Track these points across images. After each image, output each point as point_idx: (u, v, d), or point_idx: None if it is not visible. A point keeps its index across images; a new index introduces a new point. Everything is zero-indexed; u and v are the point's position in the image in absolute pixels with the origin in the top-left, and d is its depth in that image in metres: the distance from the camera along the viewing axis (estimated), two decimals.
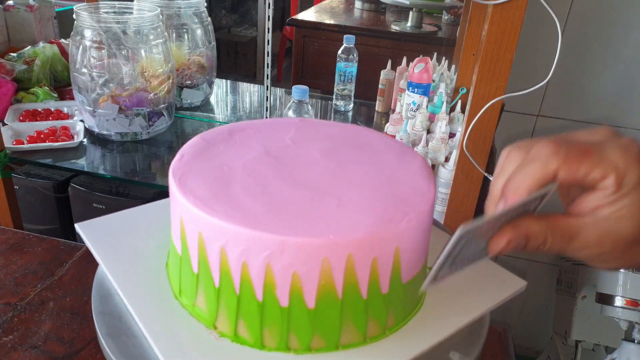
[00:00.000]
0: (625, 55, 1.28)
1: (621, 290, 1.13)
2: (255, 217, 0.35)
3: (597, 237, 0.31)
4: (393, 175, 0.41)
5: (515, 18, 0.70)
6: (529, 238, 0.31)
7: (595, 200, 0.30)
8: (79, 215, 1.16)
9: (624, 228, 0.30)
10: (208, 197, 0.37)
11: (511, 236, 0.31)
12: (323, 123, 0.51)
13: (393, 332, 0.39)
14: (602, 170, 0.29)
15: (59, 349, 0.57)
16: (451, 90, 1.29)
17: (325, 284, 0.35)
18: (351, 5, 2.14)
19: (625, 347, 1.12)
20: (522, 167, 0.31)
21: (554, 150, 0.29)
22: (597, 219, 0.30)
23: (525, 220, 0.31)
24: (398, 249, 0.36)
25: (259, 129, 0.48)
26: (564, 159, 0.29)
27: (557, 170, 0.29)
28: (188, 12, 1.31)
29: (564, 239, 0.31)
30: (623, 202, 0.29)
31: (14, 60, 1.31)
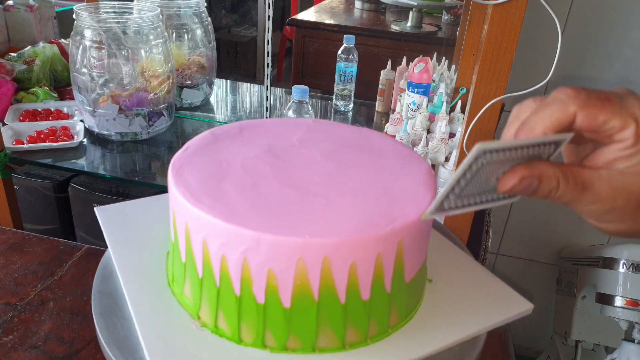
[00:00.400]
0: (625, 56, 1.28)
1: (621, 290, 1.13)
2: (237, 212, 0.35)
3: (610, 191, 0.30)
4: (391, 181, 0.40)
5: (515, 18, 0.70)
6: (542, 180, 0.30)
7: (611, 153, 0.29)
8: (79, 215, 1.16)
9: (639, 185, 0.29)
10: (197, 189, 0.38)
11: (524, 174, 0.30)
12: (336, 125, 0.50)
13: (375, 341, 0.38)
14: (621, 119, 0.28)
15: (59, 349, 0.57)
16: (451, 90, 1.29)
17: (300, 284, 0.35)
18: (351, 5, 2.14)
19: (625, 347, 1.12)
20: (539, 110, 0.30)
21: (575, 93, 0.29)
22: (612, 172, 0.29)
23: (539, 162, 0.30)
24: (380, 255, 0.35)
25: (269, 128, 0.48)
26: (584, 103, 0.28)
27: (575, 113, 0.28)
28: (188, 12, 1.31)
29: (577, 188, 0.30)
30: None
31: (14, 60, 1.31)
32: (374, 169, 0.42)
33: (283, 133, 0.47)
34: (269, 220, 0.35)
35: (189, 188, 0.38)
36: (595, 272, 1.22)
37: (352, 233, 0.34)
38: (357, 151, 0.45)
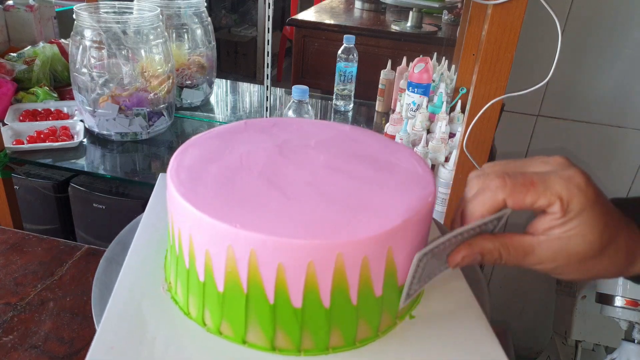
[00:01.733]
0: (625, 56, 1.28)
1: (621, 290, 1.12)
2: (204, 201, 0.36)
3: (550, 254, 0.34)
4: (386, 191, 0.39)
5: (515, 18, 0.70)
6: (483, 254, 0.35)
7: (546, 222, 0.34)
8: (79, 215, 1.16)
9: (575, 245, 0.33)
10: (184, 178, 0.39)
11: (465, 252, 0.35)
12: (365, 134, 0.48)
13: (337, 351, 0.38)
14: (546, 199, 0.32)
15: (59, 349, 0.57)
16: (451, 90, 1.29)
17: (253, 280, 0.35)
18: (351, 5, 2.14)
19: (625, 347, 1.12)
20: (476, 196, 0.35)
21: (501, 183, 0.33)
22: (549, 237, 0.34)
23: (480, 238, 0.35)
24: (341, 257, 0.34)
25: (298, 127, 0.49)
26: (510, 191, 0.33)
27: (504, 200, 0.33)
28: (188, 12, 1.31)
29: (519, 255, 0.35)
30: (571, 224, 0.33)
31: (14, 60, 1.31)
32: (372, 182, 0.40)
33: (306, 133, 0.47)
34: (237, 212, 0.35)
35: (177, 176, 0.39)
36: None
37: (306, 235, 0.33)
38: (365, 162, 0.43)
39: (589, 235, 0.33)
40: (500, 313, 1.65)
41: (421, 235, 0.38)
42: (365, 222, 0.35)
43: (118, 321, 0.38)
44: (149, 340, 0.36)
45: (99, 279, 0.46)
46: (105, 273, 0.46)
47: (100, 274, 0.46)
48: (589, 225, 0.33)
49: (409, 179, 0.41)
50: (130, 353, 0.35)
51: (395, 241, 0.35)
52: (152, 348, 0.36)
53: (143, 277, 0.43)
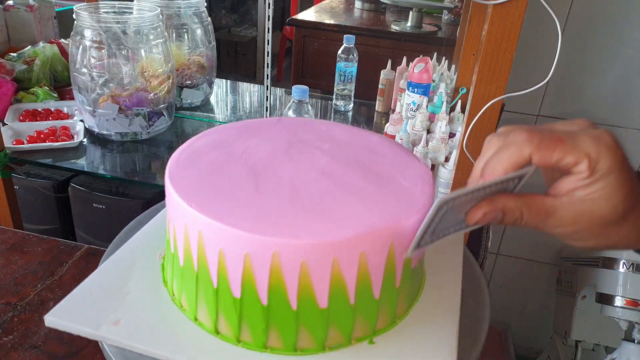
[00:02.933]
0: (625, 55, 1.28)
1: (621, 290, 1.13)
2: (187, 188, 0.37)
3: (572, 216, 0.33)
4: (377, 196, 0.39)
5: (515, 18, 0.70)
6: (505, 212, 0.33)
7: (570, 183, 0.32)
8: (79, 215, 1.16)
9: (598, 209, 0.32)
10: (180, 175, 0.39)
11: (487, 209, 0.34)
12: (376, 140, 0.48)
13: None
14: (574, 156, 0.31)
15: (59, 349, 0.57)
16: (451, 90, 1.29)
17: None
18: (351, 5, 2.14)
19: (625, 347, 1.12)
20: (499, 151, 0.33)
21: (528, 137, 0.31)
22: (572, 199, 0.32)
23: (502, 196, 0.34)
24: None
25: (326, 129, 0.49)
26: (538, 145, 0.31)
27: (530, 155, 0.31)
28: (188, 12, 1.31)
29: (540, 216, 0.33)
30: (597, 185, 0.31)
31: (14, 60, 1.31)
32: (358, 192, 0.40)
33: (326, 136, 0.47)
34: (231, 211, 0.35)
35: (173, 174, 0.40)
36: (595, 272, 1.22)
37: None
38: (364, 172, 0.42)
39: (614, 198, 0.32)
40: (500, 313, 1.65)
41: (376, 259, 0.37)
42: (318, 227, 0.35)
43: (105, 277, 0.42)
44: (123, 294, 0.40)
45: None
46: None
47: None
48: (614, 187, 0.31)
49: (399, 196, 0.40)
50: (103, 301, 0.39)
51: (341, 252, 0.35)
52: (123, 300, 0.40)
53: (143, 249, 0.46)
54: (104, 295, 0.40)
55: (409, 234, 0.36)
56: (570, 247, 1.47)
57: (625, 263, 1.14)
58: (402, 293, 0.40)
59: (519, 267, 1.58)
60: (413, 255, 0.37)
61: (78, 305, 0.39)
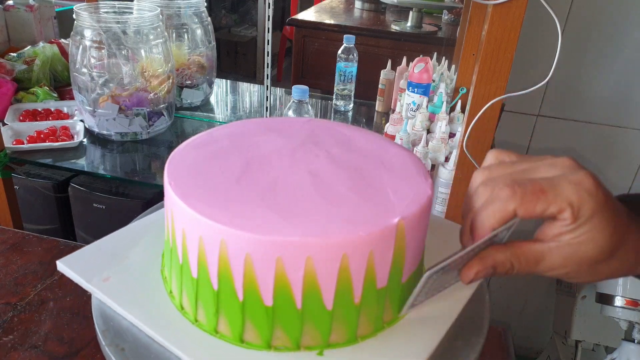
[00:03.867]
0: (625, 56, 1.28)
1: (621, 290, 1.13)
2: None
3: (561, 260, 0.34)
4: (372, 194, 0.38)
5: (515, 18, 0.70)
6: (496, 267, 0.35)
7: (556, 228, 0.34)
8: (79, 215, 1.16)
9: (586, 251, 0.33)
10: (180, 173, 0.39)
11: (479, 267, 0.35)
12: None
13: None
14: (557, 206, 0.32)
15: (59, 349, 0.57)
16: (451, 90, 1.29)
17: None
18: (351, 5, 2.14)
19: (625, 347, 1.12)
20: (485, 207, 0.34)
21: (511, 193, 0.33)
22: (559, 244, 0.34)
23: (491, 251, 0.35)
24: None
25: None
26: (521, 200, 0.32)
27: (515, 210, 0.33)
28: (188, 12, 1.31)
29: (530, 264, 0.35)
30: (581, 229, 0.33)
31: (14, 60, 1.31)
32: (344, 196, 0.39)
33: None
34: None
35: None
36: None
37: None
38: (356, 177, 0.41)
39: (599, 240, 0.33)
40: (500, 313, 1.65)
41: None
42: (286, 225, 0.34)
43: (116, 241, 0.46)
44: (123, 258, 0.44)
45: None
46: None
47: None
48: (599, 230, 0.33)
49: (376, 206, 0.38)
50: (105, 259, 0.44)
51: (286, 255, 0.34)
52: (120, 264, 0.43)
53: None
54: (108, 255, 0.44)
55: (365, 248, 0.35)
56: None
57: None
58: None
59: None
60: (407, 312, 0.39)
61: (85, 257, 0.44)
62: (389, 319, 0.40)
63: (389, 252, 0.36)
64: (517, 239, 0.36)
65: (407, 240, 0.37)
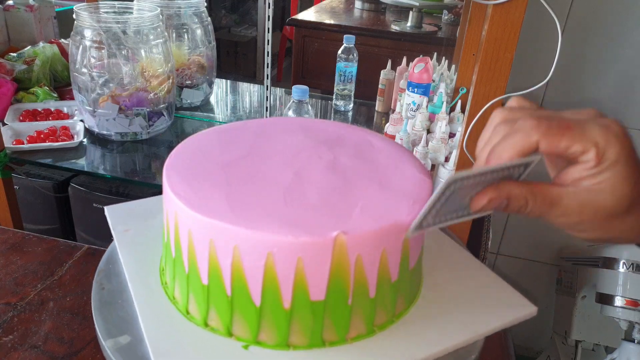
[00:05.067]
0: (625, 56, 1.28)
1: (621, 290, 1.13)
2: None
3: (577, 206, 0.32)
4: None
5: (515, 18, 0.71)
6: (510, 199, 0.33)
7: (577, 172, 0.32)
8: (79, 215, 1.16)
9: (604, 200, 0.32)
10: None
11: (493, 195, 0.33)
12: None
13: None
14: (582, 144, 0.31)
15: (59, 349, 0.57)
16: (451, 90, 1.29)
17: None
18: (351, 5, 2.14)
19: (625, 347, 1.12)
20: (506, 138, 0.32)
21: (536, 123, 0.31)
22: (578, 189, 0.32)
23: (508, 183, 0.33)
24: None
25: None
26: (545, 132, 0.31)
27: (538, 142, 0.31)
28: (188, 12, 1.31)
29: (545, 204, 0.33)
30: (603, 175, 0.31)
31: (14, 60, 1.31)
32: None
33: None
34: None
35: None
36: (595, 272, 1.22)
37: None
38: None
39: (619, 189, 0.31)
40: None
41: None
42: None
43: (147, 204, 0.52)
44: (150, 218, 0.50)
45: (98, 278, 0.46)
46: (105, 273, 0.46)
47: (100, 274, 0.46)
48: (621, 178, 0.31)
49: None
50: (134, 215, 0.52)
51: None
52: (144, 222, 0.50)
53: None
54: (139, 212, 0.51)
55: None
56: (570, 247, 1.47)
57: (625, 263, 1.14)
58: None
59: (519, 267, 1.58)
60: (413, 236, 0.36)
61: (122, 210, 0.53)
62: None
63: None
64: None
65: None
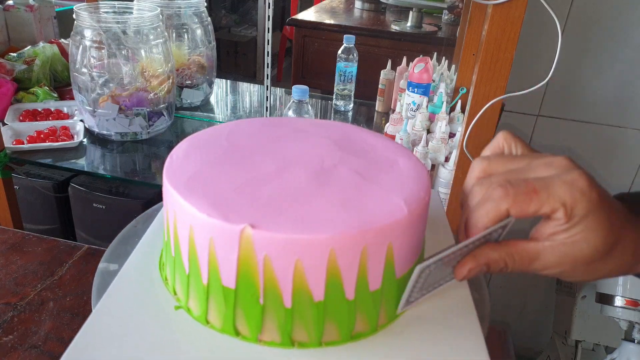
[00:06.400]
0: (625, 56, 1.28)
1: (621, 290, 1.13)
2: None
3: (556, 259, 0.34)
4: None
5: (515, 18, 0.71)
6: (489, 265, 0.35)
7: (550, 228, 0.34)
8: (79, 215, 1.16)
9: (580, 250, 0.33)
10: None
11: (471, 265, 0.35)
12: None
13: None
14: (549, 206, 0.32)
15: (59, 349, 0.57)
16: (451, 90, 1.29)
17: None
18: (351, 5, 2.14)
19: (625, 347, 1.12)
20: (479, 206, 0.34)
21: (503, 193, 0.33)
22: (554, 243, 0.34)
23: (485, 249, 0.35)
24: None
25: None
26: (514, 200, 0.32)
27: (508, 209, 0.33)
28: (188, 12, 1.31)
29: (524, 262, 0.35)
30: (575, 229, 0.33)
31: (14, 60, 1.31)
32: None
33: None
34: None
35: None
36: None
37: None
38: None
39: (593, 239, 0.33)
40: (500, 313, 1.65)
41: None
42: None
43: None
44: None
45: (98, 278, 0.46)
46: (105, 273, 0.46)
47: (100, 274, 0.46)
48: (593, 229, 0.33)
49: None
50: None
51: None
52: None
53: None
54: None
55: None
56: None
57: None
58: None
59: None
60: (402, 310, 0.38)
61: None
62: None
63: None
64: (512, 238, 0.36)
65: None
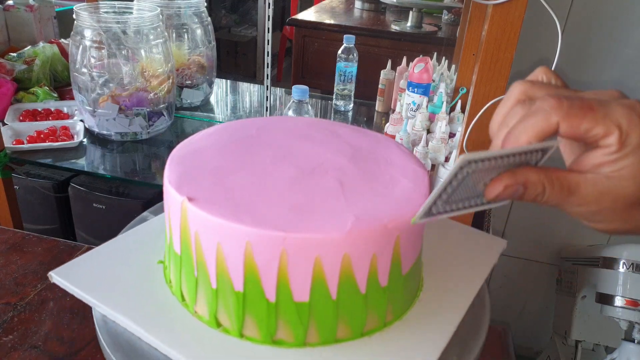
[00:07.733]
0: (625, 55, 1.28)
1: (621, 290, 1.12)
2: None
3: (596, 194, 0.30)
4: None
5: (515, 18, 0.70)
6: (527, 186, 0.31)
7: (597, 158, 0.30)
8: (79, 215, 1.16)
9: (624, 188, 0.30)
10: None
11: (509, 181, 0.31)
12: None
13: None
14: (604, 127, 0.29)
15: (59, 349, 0.57)
16: (451, 90, 1.29)
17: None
18: (351, 5, 2.14)
19: (625, 347, 1.12)
20: (524, 119, 0.30)
21: (557, 104, 0.29)
22: (597, 176, 0.30)
23: (525, 169, 0.31)
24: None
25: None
26: (566, 113, 0.29)
27: (558, 123, 0.29)
28: (188, 12, 1.31)
29: (563, 192, 0.31)
30: (625, 161, 0.29)
31: (14, 60, 1.31)
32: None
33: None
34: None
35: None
36: (595, 272, 1.22)
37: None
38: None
39: None
40: (500, 313, 1.65)
41: None
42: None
43: None
44: None
45: None
46: None
47: None
48: None
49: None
50: None
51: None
52: None
53: None
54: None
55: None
56: (570, 247, 1.47)
57: (625, 263, 1.14)
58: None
59: (519, 267, 1.58)
60: (420, 222, 0.34)
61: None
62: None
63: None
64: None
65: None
